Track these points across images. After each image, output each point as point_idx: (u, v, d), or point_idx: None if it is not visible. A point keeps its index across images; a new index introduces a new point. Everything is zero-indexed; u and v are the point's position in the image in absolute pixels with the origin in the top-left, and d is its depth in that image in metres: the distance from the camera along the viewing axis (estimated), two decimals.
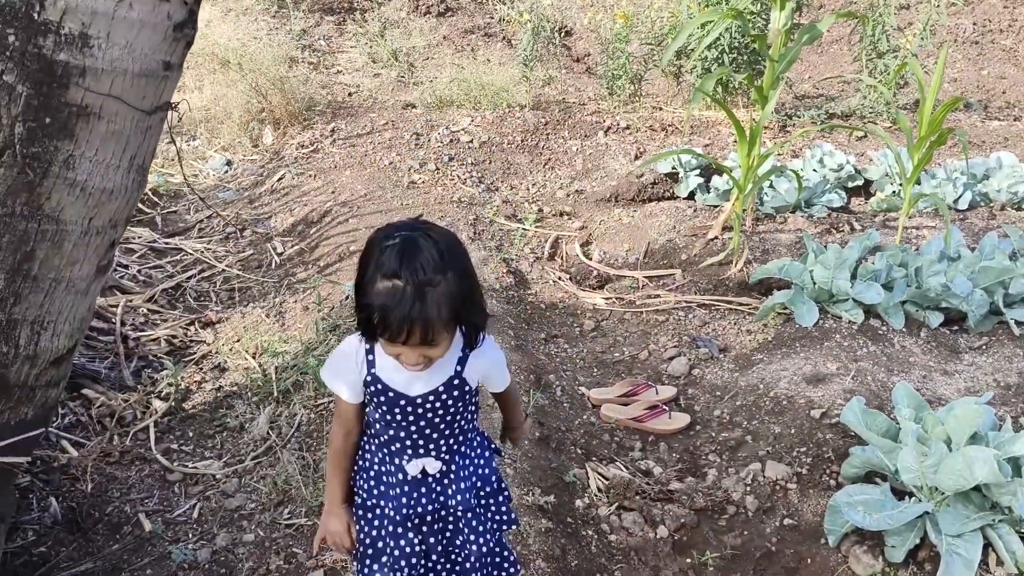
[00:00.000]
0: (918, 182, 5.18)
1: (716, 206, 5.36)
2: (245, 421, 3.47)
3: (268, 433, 3.39)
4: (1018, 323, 3.98)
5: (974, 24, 10.01)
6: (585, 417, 3.63)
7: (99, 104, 1.98)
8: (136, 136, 2.10)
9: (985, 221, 5.20)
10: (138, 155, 2.15)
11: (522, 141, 6.27)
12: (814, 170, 5.69)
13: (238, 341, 4.06)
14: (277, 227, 5.28)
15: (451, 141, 6.16)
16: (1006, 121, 7.21)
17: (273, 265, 4.84)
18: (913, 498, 2.77)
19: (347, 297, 4.21)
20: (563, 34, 8.78)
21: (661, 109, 6.91)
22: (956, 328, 4.06)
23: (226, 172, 6.29)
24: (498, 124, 6.41)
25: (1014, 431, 2.88)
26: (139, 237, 5.01)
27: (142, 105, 2.07)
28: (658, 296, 4.57)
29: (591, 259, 5.09)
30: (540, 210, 5.55)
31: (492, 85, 6.75)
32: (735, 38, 6.08)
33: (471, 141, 6.16)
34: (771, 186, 5.45)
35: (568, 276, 4.96)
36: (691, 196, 5.59)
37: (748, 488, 3.10)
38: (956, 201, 5.43)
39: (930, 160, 4.61)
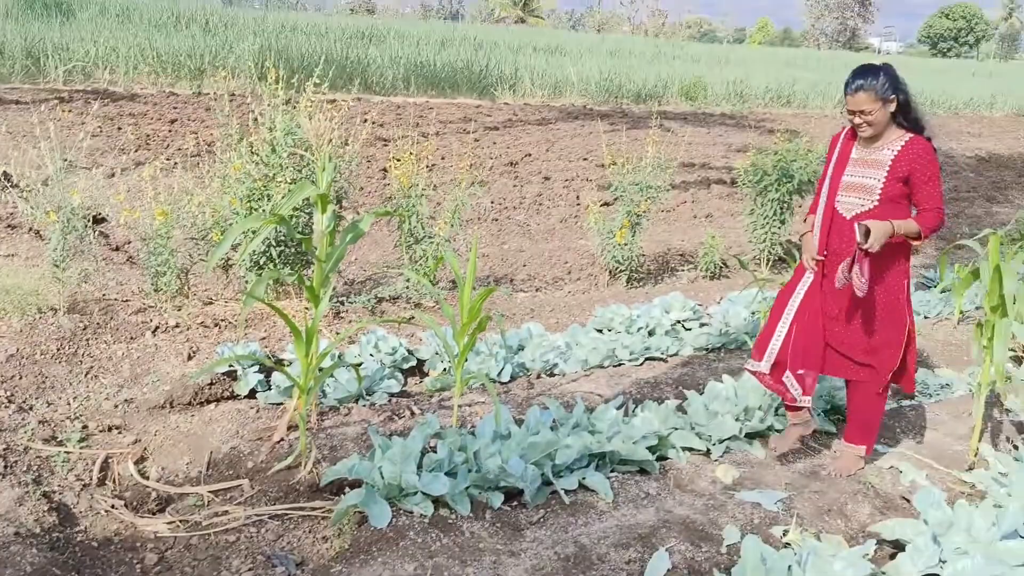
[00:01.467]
0: (466, 360, 5.58)
1: (280, 403, 5.27)
2: None
3: None
4: (567, 492, 4.37)
5: (492, 203, 11.35)
6: None
7: None
8: None
9: (526, 391, 5.73)
10: None
11: (58, 350, 5.67)
12: (371, 355, 5.88)
13: None
14: None
15: None
16: (529, 292, 8.14)
17: None
18: None
19: None
20: (98, 222, 8.28)
21: (212, 302, 6.73)
22: (516, 504, 4.34)
23: None
24: (28, 333, 5.75)
25: None
26: None
27: None
28: (227, 512, 4.30)
29: (148, 478, 4.67)
30: (85, 427, 5.00)
31: (19, 288, 6.08)
32: (282, 234, 6.18)
33: None
34: (332, 376, 5.51)
35: (123, 502, 4.48)
36: (252, 394, 5.44)
37: None
38: (499, 374, 5.93)
39: (475, 344, 5.00)
